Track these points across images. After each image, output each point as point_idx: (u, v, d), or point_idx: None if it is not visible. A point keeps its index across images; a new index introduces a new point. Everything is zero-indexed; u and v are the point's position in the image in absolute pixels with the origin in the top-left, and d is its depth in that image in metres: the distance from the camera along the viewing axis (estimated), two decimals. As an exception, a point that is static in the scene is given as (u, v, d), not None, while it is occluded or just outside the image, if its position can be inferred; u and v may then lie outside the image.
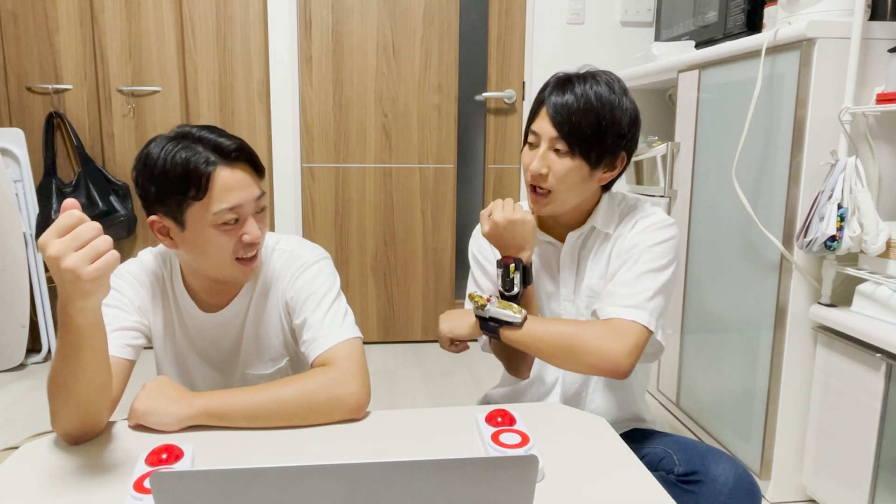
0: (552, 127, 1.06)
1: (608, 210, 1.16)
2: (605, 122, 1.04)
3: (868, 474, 1.43)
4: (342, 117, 2.84)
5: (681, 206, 2.06)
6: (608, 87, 1.06)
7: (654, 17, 2.71)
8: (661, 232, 1.10)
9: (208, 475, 0.50)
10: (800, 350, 1.61)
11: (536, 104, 1.12)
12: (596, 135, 1.05)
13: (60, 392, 0.86)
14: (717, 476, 0.97)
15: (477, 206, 3.02)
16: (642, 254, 1.08)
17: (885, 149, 1.53)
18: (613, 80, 1.08)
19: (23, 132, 2.56)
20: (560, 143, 1.06)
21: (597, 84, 1.06)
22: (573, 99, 1.05)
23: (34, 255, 2.58)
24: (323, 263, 1.14)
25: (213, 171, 0.97)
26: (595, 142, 1.05)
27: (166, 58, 2.71)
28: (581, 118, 1.04)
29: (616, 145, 1.07)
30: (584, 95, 1.05)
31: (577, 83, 1.06)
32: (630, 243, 1.10)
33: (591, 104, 1.04)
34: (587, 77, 1.08)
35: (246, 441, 0.91)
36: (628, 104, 1.07)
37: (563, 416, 1.00)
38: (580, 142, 1.05)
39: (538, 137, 1.09)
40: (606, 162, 1.08)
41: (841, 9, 1.53)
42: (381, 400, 2.39)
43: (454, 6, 2.81)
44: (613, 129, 1.05)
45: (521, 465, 0.53)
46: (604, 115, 1.04)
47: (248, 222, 1.01)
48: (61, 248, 0.73)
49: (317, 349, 1.06)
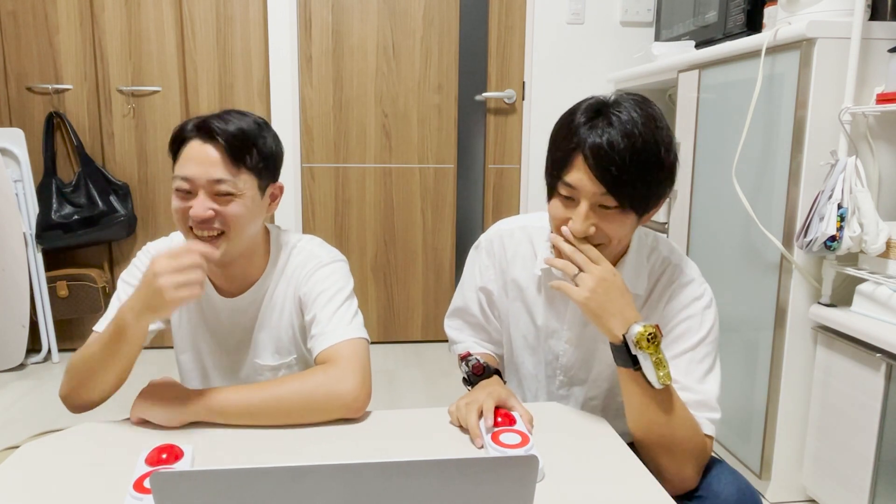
0: (598, 183, 0.88)
1: (636, 262, 1.02)
2: (656, 171, 0.89)
3: (868, 474, 1.43)
4: (342, 117, 2.84)
5: (681, 206, 2.06)
6: (654, 125, 0.89)
7: (654, 17, 2.71)
8: (708, 315, 1.00)
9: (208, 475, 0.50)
10: (800, 350, 1.61)
11: (566, 147, 0.91)
12: (647, 186, 0.90)
13: (83, 375, 1.00)
14: (719, 491, 0.95)
15: (477, 206, 3.02)
16: (697, 349, 0.98)
17: (885, 149, 1.53)
18: (653, 113, 0.90)
19: (23, 132, 2.56)
20: (609, 199, 0.89)
21: (636, 124, 0.87)
22: (625, 147, 0.86)
23: (34, 255, 2.58)
24: (338, 265, 1.17)
25: (188, 140, 1.06)
26: (648, 193, 0.91)
27: (166, 58, 2.71)
28: (636, 172, 0.87)
29: (665, 189, 0.93)
30: (633, 144, 0.86)
31: (615, 125, 0.87)
32: (677, 330, 0.99)
33: (637, 154, 0.86)
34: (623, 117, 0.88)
35: (246, 441, 0.91)
36: (668, 139, 0.90)
37: (563, 416, 1.00)
38: (633, 198, 0.89)
39: (575, 192, 0.90)
40: (654, 203, 0.94)
41: (841, 9, 1.53)
42: (381, 400, 2.39)
43: (454, 6, 2.81)
44: (669, 174, 0.91)
45: (521, 465, 0.53)
46: (656, 161, 0.88)
47: (197, 197, 1.02)
48: (165, 267, 0.91)
49: (321, 345, 1.07)
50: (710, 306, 1.01)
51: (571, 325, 1.08)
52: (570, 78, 2.84)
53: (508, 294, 1.14)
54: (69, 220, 2.59)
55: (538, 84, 2.86)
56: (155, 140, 2.75)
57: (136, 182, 2.76)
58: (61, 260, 2.72)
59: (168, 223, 2.80)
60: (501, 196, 3.01)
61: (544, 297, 1.10)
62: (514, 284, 1.13)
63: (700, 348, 0.99)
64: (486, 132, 2.96)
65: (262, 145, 1.09)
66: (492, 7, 2.86)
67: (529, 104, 2.90)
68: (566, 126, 0.92)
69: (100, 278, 2.70)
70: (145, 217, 2.78)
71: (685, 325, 1.00)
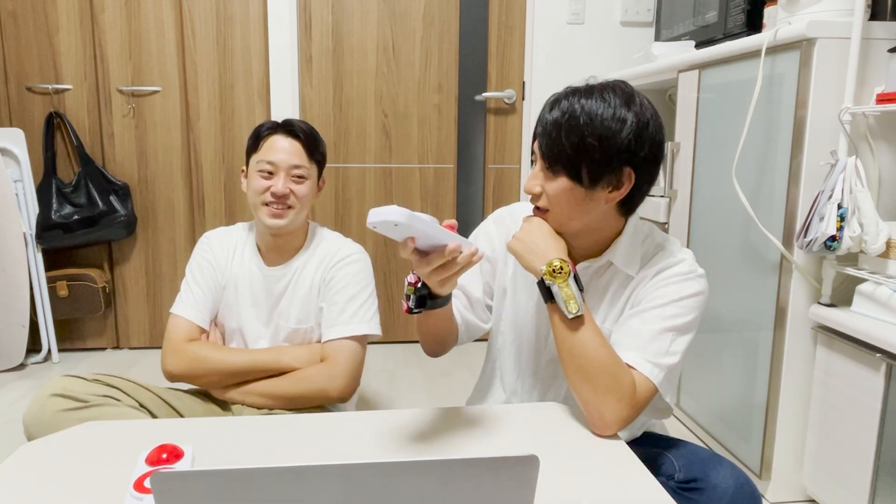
0: (540, 148, 1.00)
1: (630, 246, 1.06)
2: (592, 139, 0.95)
3: (868, 474, 1.43)
4: (342, 117, 2.84)
5: (681, 206, 2.06)
6: (601, 99, 0.96)
7: (654, 17, 2.71)
8: (690, 284, 1.02)
9: (208, 475, 0.50)
10: (800, 350, 1.61)
11: (536, 126, 1.05)
12: (580, 153, 0.96)
13: None
14: (717, 483, 0.96)
15: (477, 206, 3.02)
16: (666, 307, 1.00)
17: (885, 149, 1.53)
18: (613, 91, 0.97)
19: (23, 132, 2.56)
20: (545, 163, 1.00)
21: (588, 98, 0.96)
22: (559, 116, 0.97)
23: (34, 255, 2.58)
24: (364, 262, 1.46)
25: (269, 134, 1.39)
26: (581, 160, 0.96)
27: (166, 58, 2.71)
28: (564, 136, 0.96)
29: (610, 162, 0.96)
30: (570, 111, 0.96)
31: (567, 99, 0.98)
32: (653, 293, 1.02)
33: (575, 120, 0.95)
34: (580, 91, 0.99)
35: (246, 441, 0.91)
36: (629, 115, 0.95)
37: (563, 416, 1.00)
38: (564, 162, 0.97)
39: (535, 156, 1.03)
40: (607, 180, 0.98)
41: (841, 9, 1.53)
42: (381, 400, 2.39)
43: (454, 6, 2.81)
44: (603, 144, 0.95)
45: (521, 465, 0.53)
46: (590, 130, 0.94)
47: (278, 177, 1.36)
48: None
49: (326, 335, 1.39)
50: (695, 278, 1.03)
51: None
52: (570, 78, 2.80)
53: (508, 265, 1.18)
54: (69, 220, 2.59)
55: (538, 84, 2.86)
56: (155, 140, 2.75)
57: (136, 182, 2.76)
58: (61, 260, 2.72)
59: (167, 222, 2.80)
60: (501, 196, 3.01)
61: None
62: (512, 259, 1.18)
63: (669, 308, 1.01)
64: (486, 132, 2.96)
65: (323, 145, 1.46)
66: (492, 7, 2.86)
67: (529, 104, 2.90)
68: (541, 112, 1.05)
69: (100, 278, 2.70)
70: (145, 217, 2.78)
71: (664, 290, 1.02)
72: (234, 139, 2.80)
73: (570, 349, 0.97)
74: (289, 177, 1.36)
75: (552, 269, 0.96)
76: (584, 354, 0.96)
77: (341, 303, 1.40)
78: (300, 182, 1.38)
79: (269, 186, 1.35)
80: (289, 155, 1.36)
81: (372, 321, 1.43)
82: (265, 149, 1.37)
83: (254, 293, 1.45)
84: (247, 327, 1.45)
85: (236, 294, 1.45)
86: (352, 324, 1.39)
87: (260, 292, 1.45)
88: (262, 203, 1.36)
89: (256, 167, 1.37)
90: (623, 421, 0.94)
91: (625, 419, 0.94)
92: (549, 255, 0.98)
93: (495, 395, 1.21)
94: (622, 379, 0.95)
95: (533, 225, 1.03)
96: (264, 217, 1.37)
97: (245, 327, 1.45)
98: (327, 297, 1.41)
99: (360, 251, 1.47)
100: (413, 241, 0.85)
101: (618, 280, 1.08)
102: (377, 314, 1.45)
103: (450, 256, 0.85)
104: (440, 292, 0.96)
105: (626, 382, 0.95)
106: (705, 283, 1.05)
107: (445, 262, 0.86)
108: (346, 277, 1.41)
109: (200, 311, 1.41)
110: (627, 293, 1.06)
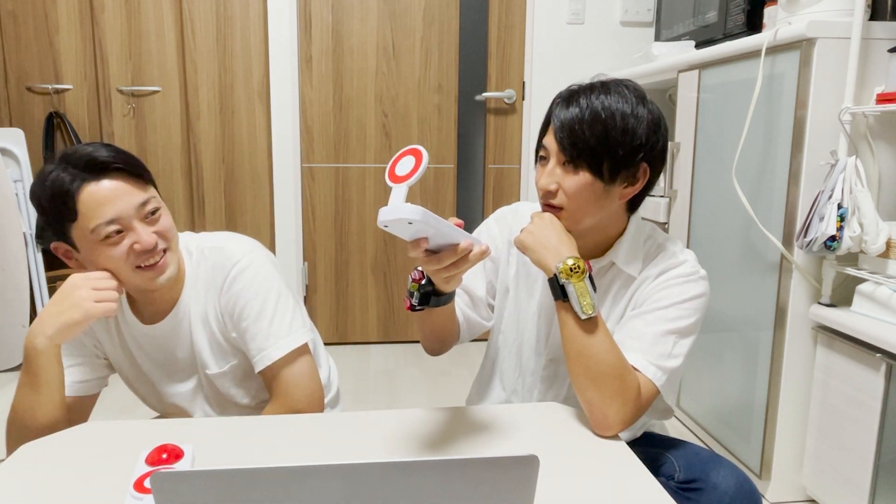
0: (557, 143, 1.00)
1: (632, 246, 1.07)
2: (615, 133, 0.97)
3: (868, 474, 1.43)
4: (342, 117, 2.84)
5: (681, 206, 2.06)
6: (619, 95, 0.98)
7: (654, 17, 2.71)
8: (693, 286, 1.02)
9: (208, 475, 0.50)
10: (800, 350, 1.61)
11: (545, 119, 1.05)
12: (604, 147, 0.97)
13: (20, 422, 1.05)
14: (717, 484, 0.96)
15: (477, 206, 3.02)
16: (669, 309, 1.00)
17: (885, 149, 1.53)
18: (626, 88, 1.00)
19: (23, 132, 2.56)
20: (566, 158, 0.99)
21: (606, 94, 0.98)
22: (578, 111, 0.98)
23: (34, 255, 2.58)
24: (257, 262, 1.11)
25: (79, 188, 0.97)
26: (605, 155, 0.98)
27: (166, 58, 2.71)
28: (587, 131, 0.97)
29: (631, 157, 0.98)
30: (590, 107, 0.97)
31: (584, 95, 0.99)
32: (655, 294, 1.02)
33: (597, 115, 0.97)
34: (596, 87, 1.00)
35: (246, 441, 0.91)
36: (645, 112, 0.98)
37: (564, 416, 1.00)
38: (588, 156, 0.98)
39: (547, 153, 1.03)
40: (624, 176, 1.00)
41: (841, 9, 1.53)
42: (381, 400, 2.39)
43: (454, 6, 2.81)
44: (626, 139, 0.97)
45: (521, 465, 0.53)
46: (613, 125, 0.97)
47: (135, 230, 1.00)
48: (82, 281, 0.97)
49: (262, 362, 1.08)
50: (696, 280, 1.03)
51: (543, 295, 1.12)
52: (570, 78, 2.81)
53: (511, 264, 1.17)
54: (69, 220, 2.58)
55: (538, 84, 2.86)
56: (155, 140, 2.75)
57: (136, 182, 2.75)
58: (61, 260, 2.72)
59: (168, 223, 2.79)
60: (501, 196, 3.01)
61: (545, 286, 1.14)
62: (514, 257, 1.16)
63: (671, 310, 1.00)
64: (486, 132, 2.96)
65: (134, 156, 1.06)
66: (492, 7, 2.86)
67: (529, 104, 2.90)
68: (550, 106, 1.05)
69: (100, 278, 2.69)
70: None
71: (667, 292, 1.02)
72: (234, 139, 2.80)
73: (580, 350, 0.96)
74: (143, 221, 1.01)
75: (569, 267, 0.94)
76: (593, 356, 0.95)
77: (256, 326, 1.09)
78: (157, 216, 1.03)
79: (130, 246, 1.00)
80: (124, 197, 0.99)
81: (302, 327, 1.13)
82: (89, 209, 0.97)
83: (152, 358, 1.17)
84: (170, 396, 1.19)
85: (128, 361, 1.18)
86: (280, 343, 1.09)
87: (160, 354, 1.16)
88: (132, 270, 1.02)
89: (95, 237, 0.98)
90: (626, 423, 0.94)
91: (628, 421, 0.94)
92: (562, 252, 0.97)
93: (495, 393, 1.21)
94: (629, 382, 0.95)
95: (545, 221, 1.01)
96: (147, 283, 1.04)
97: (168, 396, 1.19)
98: (238, 326, 1.10)
99: (243, 252, 1.12)
100: (426, 240, 0.82)
101: (620, 280, 1.08)
102: (297, 311, 1.14)
103: (462, 254, 0.84)
104: (445, 289, 0.95)
105: (632, 385, 0.95)
106: (707, 284, 1.05)
107: (457, 259, 0.85)
108: (245, 295, 1.09)
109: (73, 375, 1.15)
110: (629, 294, 1.06)
